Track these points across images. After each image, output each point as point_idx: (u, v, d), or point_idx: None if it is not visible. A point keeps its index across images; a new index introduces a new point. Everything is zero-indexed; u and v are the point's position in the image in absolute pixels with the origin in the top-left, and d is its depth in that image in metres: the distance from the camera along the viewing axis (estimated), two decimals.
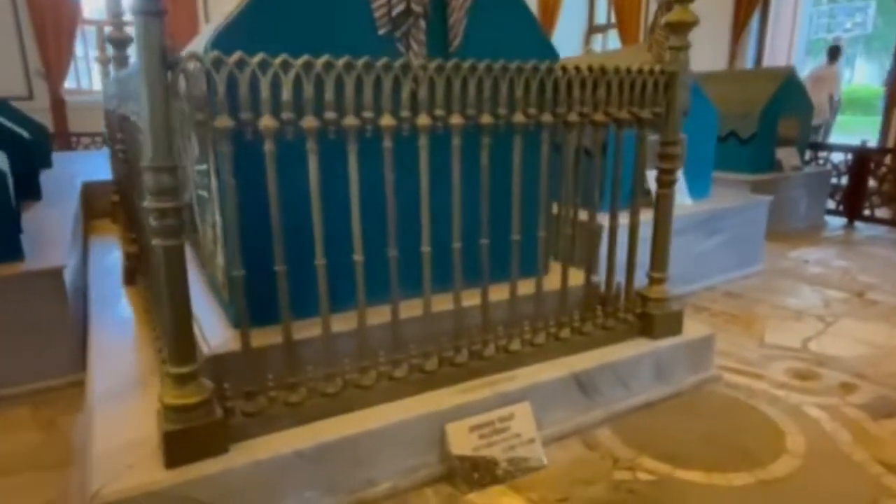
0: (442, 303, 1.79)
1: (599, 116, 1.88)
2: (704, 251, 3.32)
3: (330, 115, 1.47)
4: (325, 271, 1.56)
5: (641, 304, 2.16)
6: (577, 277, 2.07)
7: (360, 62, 1.48)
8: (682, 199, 3.38)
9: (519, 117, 1.73)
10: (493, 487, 1.67)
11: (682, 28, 1.95)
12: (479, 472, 1.68)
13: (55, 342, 2.19)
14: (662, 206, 2.11)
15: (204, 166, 1.76)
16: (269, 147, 1.43)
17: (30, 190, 3.30)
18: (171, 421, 1.40)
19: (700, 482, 1.69)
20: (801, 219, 4.79)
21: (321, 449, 1.53)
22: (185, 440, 1.40)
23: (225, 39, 1.53)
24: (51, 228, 2.67)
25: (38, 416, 2.06)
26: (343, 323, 1.70)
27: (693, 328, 2.26)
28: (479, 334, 1.84)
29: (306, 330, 1.64)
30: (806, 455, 1.81)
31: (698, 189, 3.45)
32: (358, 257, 1.59)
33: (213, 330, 1.75)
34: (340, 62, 1.46)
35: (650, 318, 2.12)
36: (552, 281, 2.02)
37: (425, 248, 1.68)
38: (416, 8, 1.72)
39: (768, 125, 4.54)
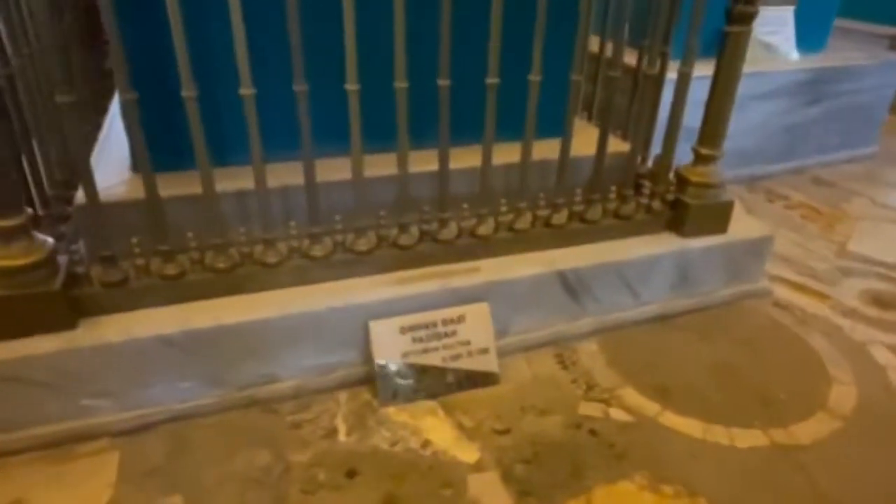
0: (385, 164, 1.35)
1: None
2: (800, 122, 2.59)
3: None
4: (195, 105, 1.13)
5: (676, 188, 1.62)
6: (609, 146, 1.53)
7: None
8: (787, 50, 2.60)
9: None
10: (420, 402, 1.34)
11: None
12: (406, 382, 1.34)
13: None
14: (730, 52, 1.47)
15: None
16: None
17: None
18: None
19: (690, 435, 1.28)
20: None
21: (194, 336, 1.22)
22: (11, 310, 1.11)
23: None
24: None
25: None
26: (246, 179, 1.30)
27: (746, 225, 1.71)
28: (437, 210, 1.40)
29: (197, 184, 1.26)
30: (851, 417, 1.34)
31: (810, 39, 2.62)
32: (246, 90, 1.15)
33: (104, 173, 1.41)
34: None
35: (684, 208, 1.59)
36: (557, 147, 1.49)
37: (351, 87, 1.20)
38: None
39: None
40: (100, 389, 1.20)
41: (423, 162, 1.36)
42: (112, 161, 1.44)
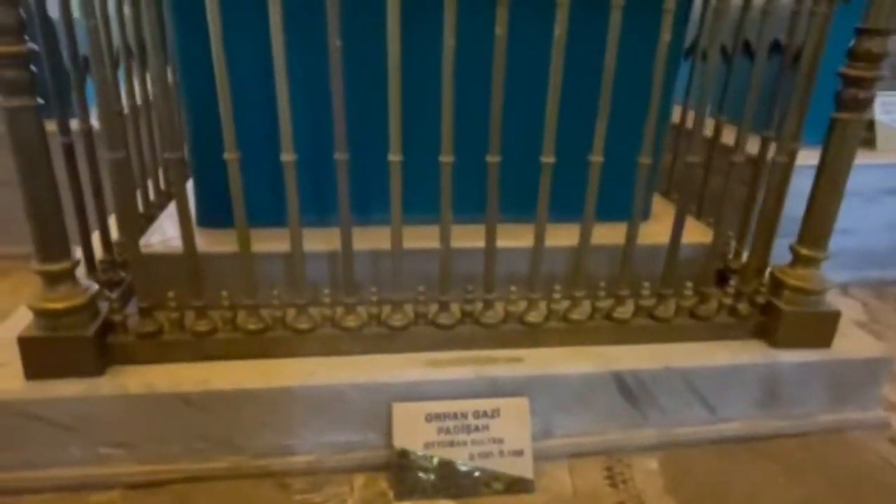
0: (427, 237, 1.28)
1: None
2: None
3: None
4: (237, 166, 1.13)
5: (770, 291, 1.41)
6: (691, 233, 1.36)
7: None
8: None
9: None
10: (440, 502, 1.21)
11: None
12: (427, 477, 1.22)
13: None
14: (837, 142, 1.27)
15: None
16: None
17: None
18: (33, 325, 1.16)
19: None
20: None
21: (213, 397, 1.19)
22: (45, 351, 1.15)
23: None
24: None
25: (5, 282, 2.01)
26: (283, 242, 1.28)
27: (856, 341, 1.45)
28: (483, 290, 1.30)
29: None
30: None
31: None
32: (287, 156, 1.14)
33: (165, 225, 1.47)
34: None
35: (777, 315, 1.37)
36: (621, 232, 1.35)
37: (393, 158, 1.16)
38: None
39: None
40: (118, 439, 1.20)
41: (475, 237, 1.28)
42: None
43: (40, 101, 1.04)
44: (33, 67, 1.02)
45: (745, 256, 1.55)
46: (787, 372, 1.38)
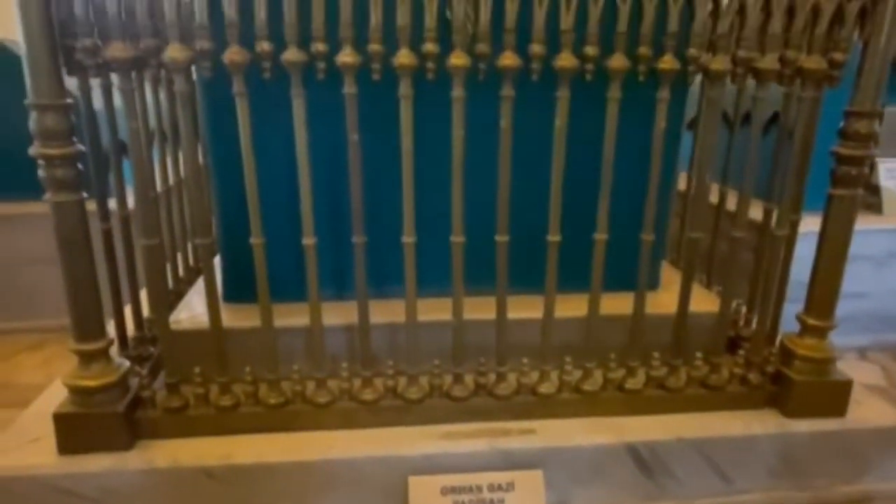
0: (441, 310, 1.33)
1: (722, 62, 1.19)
2: None
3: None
4: (262, 251, 1.21)
5: (779, 360, 1.42)
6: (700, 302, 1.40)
7: None
8: None
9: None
10: None
11: None
12: None
13: None
14: (835, 216, 1.32)
15: None
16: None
17: None
18: (67, 401, 1.22)
19: None
20: None
21: (235, 471, 1.23)
22: (78, 427, 1.21)
23: None
24: None
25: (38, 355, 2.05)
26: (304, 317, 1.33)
27: (872, 409, 1.44)
28: (496, 362, 1.34)
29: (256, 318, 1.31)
30: None
31: None
32: (308, 240, 1.22)
33: (193, 301, 1.55)
34: None
35: (788, 384, 1.39)
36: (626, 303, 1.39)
37: (407, 239, 1.23)
38: None
39: None
40: None
41: (487, 309, 1.32)
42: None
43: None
44: (80, 165, 1.12)
45: (755, 324, 1.58)
46: (801, 442, 1.38)
